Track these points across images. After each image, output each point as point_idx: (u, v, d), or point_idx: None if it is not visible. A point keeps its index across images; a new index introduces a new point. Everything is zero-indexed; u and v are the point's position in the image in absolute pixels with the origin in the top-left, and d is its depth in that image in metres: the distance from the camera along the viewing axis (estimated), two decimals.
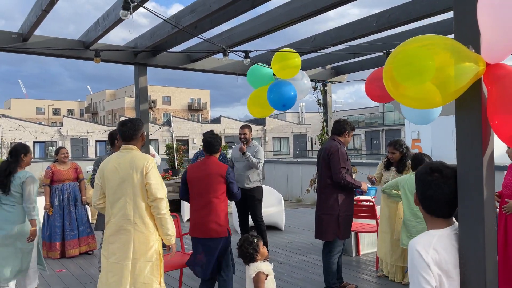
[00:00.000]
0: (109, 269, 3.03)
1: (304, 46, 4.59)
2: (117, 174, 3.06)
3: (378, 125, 36.84)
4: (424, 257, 1.67)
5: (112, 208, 3.07)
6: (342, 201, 4.17)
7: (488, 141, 1.87)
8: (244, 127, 6.00)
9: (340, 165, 4.10)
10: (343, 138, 4.28)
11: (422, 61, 1.83)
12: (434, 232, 1.78)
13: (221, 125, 38.31)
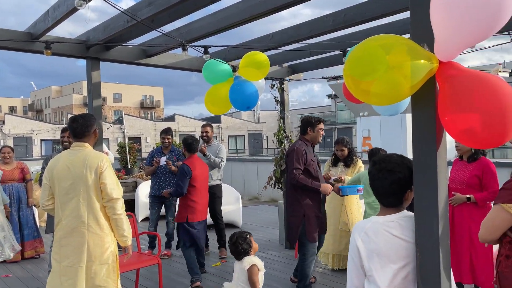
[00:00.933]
0: (63, 273, 2.88)
1: (262, 43, 4.62)
2: (69, 173, 2.91)
3: (330, 123, 37.81)
4: (356, 240, 1.88)
5: (63, 209, 2.92)
6: (306, 202, 3.99)
7: (442, 135, 1.98)
8: (205, 126, 5.94)
9: (294, 165, 3.95)
10: (309, 136, 4.15)
11: (378, 59, 1.90)
12: (374, 219, 1.91)
13: (176, 123, 37.70)
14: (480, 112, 1.80)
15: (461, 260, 3.74)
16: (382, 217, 1.90)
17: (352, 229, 4.49)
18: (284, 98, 6.29)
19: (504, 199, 1.87)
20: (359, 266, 1.89)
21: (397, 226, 1.87)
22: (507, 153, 16.64)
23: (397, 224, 1.87)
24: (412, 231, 1.88)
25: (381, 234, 1.85)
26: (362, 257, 1.86)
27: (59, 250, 2.92)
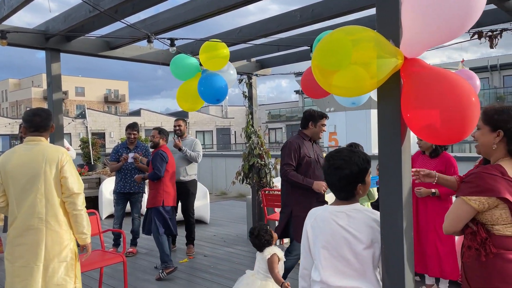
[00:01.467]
0: (16, 274, 2.75)
1: (230, 37, 4.57)
2: (26, 169, 2.77)
3: (298, 119, 38.19)
4: (306, 224, 2.02)
5: (19, 207, 2.78)
6: (296, 200, 3.81)
7: (406, 130, 2.01)
8: (178, 120, 5.85)
9: (285, 160, 3.79)
10: (309, 130, 3.94)
11: (346, 51, 1.90)
12: (325, 207, 2.02)
13: (141, 118, 36.93)
14: (441, 108, 1.84)
15: (426, 253, 3.84)
16: (332, 207, 1.98)
17: None
18: (252, 93, 6.27)
19: (464, 192, 1.92)
20: (308, 250, 2.00)
21: (344, 216, 1.92)
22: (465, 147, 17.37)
23: (345, 215, 1.92)
24: (359, 224, 1.90)
25: (328, 222, 1.94)
26: (310, 242, 1.98)
27: (13, 250, 2.78)
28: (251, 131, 6.15)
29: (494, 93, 26.35)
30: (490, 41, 3.87)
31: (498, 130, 1.96)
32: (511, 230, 1.88)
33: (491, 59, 28.43)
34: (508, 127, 1.94)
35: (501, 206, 1.87)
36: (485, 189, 1.87)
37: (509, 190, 1.85)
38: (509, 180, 1.87)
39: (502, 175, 1.88)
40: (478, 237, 1.92)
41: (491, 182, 1.87)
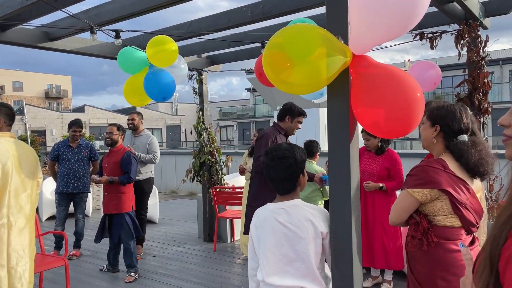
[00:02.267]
0: None
1: (179, 31, 4.45)
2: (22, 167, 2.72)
3: (249, 116, 38.35)
4: (252, 224, 2.02)
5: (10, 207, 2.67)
6: (268, 193, 3.69)
7: (355, 126, 2.05)
8: (132, 113, 5.57)
9: (261, 151, 3.62)
10: (284, 124, 3.86)
11: (296, 49, 1.91)
12: (267, 205, 2.01)
13: (86, 114, 35.31)
14: (388, 104, 1.91)
15: (373, 246, 3.98)
16: (273, 204, 1.98)
17: None
18: (203, 90, 6.17)
19: (409, 184, 2.01)
20: (253, 250, 2.01)
21: (284, 213, 1.92)
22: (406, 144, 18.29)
23: (284, 211, 1.92)
24: (298, 220, 1.89)
25: (268, 220, 1.94)
26: (254, 242, 1.99)
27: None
28: (201, 128, 6.06)
29: (433, 93, 27.94)
30: (431, 42, 4.07)
31: (436, 125, 2.05)
32: (451, 221, 1.98)
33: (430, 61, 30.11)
34: (444, 123, 2.04)
35: (442, 198, 1.97)
36: (427, 182, 1.96)
37: (449, 183, 1.95)
38: (450, 173, 1.97)
39: (444, 169, 1.98)
40: (420, 227, 2.01)
41: (433, 175, 1.96)
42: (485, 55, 3.90)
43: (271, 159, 1.94)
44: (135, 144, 5.37)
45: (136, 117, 5.50)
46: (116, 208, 4.47)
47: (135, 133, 5.49)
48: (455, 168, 2.00)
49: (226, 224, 5.92)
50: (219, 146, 6.26)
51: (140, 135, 5.49)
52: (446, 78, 28.81)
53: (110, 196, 4.48)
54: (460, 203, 1.94)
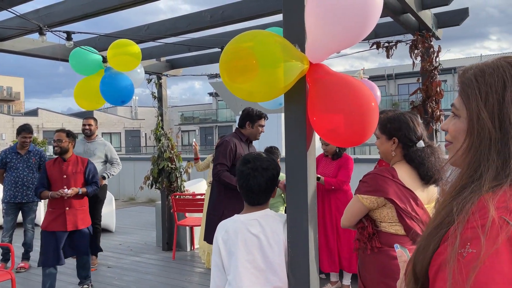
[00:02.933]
0: None
1: (136, 34, 4.32)
2: None
3: (211, 121, 38.12)
4: (217, 239, 1.89)
5: None
6: (227, 201, 3.59)
7: (312, 134, 2.05)
8: (89, 118, 5.34)
9: (219, 159, 3.59)
10: (246, 130, 3.77)
11: (253, 57, 1.88)
12: (236, 217, 1.92)
13: (39, 118, 33.80)
14: (344, 112, 1.91)
15: (332, 250, 4.04)
16: (243, 215, 1.91)
17: None
18: (162, 94, 6.04)
19: (360, 190, 2.08)
20: (221, 267, 1.87)
21: (256, 224, 1.87)
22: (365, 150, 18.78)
23: (257, 222, 1.87)
24: (271, 230, 1.87)
25: (241, 233, 1.84)
26: (223, 257, 1.86)
27: None
28: (161, 133, 5.91)
29: (390, 100, 28.95)
30: (387, 52, 4.18)
31: (393, 138, 2.09)
32: (395, 228, 2.03)
33: (387, 69, 31.24)
34: (400, 134, 2.08)
35: (388, 206, 2.02)
36: (375, 189, 2.01)
37: (396, 192, 2.00)
38: (398, 183, 2.02)
39: (392, 178, 2.03)
40: (366, 232, 2.06)
41: (382, 184, 2.01)
42: (438, 65, 4.04)
43: (253, 169, 1.87)
44: (90, 150, 5.16)
45: (93, 122, 5.32)
46: (83, 222, 4.08)
47: (89, 139, 5.27)
48: (407, 177, 2.05)
49: (185, 232, 5.79)
50: (179, 151, 6.14)
51: (94, 141, 5.28)
52: (403, 85, 29.96)
53: (75, 210, 4.01)
54: (404, 212, 1.99)
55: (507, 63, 0.84)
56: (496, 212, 0.72)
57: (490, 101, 0.81)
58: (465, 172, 0.83)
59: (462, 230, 0.72)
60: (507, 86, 0.80)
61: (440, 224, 0.79)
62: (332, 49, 1.96)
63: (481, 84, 0.83)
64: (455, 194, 0.81)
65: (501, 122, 0.79)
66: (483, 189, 0.77)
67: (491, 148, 0.80)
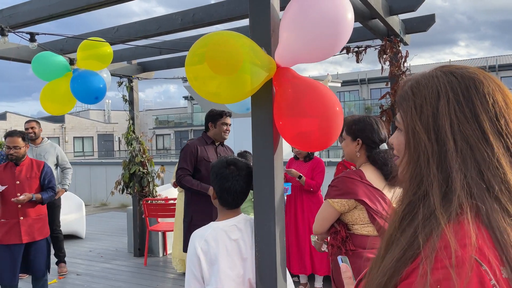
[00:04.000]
0: None
1: (105, 36, 4.23)
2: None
3: (187, 125, 37.78)
4: (196, 249, 1.78)
5: None
6: (195, 207, 3.58)
7: (279, 138, 2.05)
8: (31, 121, 5.12)
9: (180, 164, 3.59)
10: (211, 132, 3.74)
11: (220, 56, 1.85)
12: (212, 224, 1.88)
13: (7, 122, 32.63)
14: (310, 117, 1.92)
15: (303, 252, 4.06)
16: (222, 222, 1.88)
17: None
18: (133, 97, 5.94)
19: (330, 195, 2.08)
20: (199, 277, 1.79)
21: (236, 230, 1.86)
22: (339, 153, 19.03)
23: (235, 228, 1.87)
24: (247, 235, 1.88)
25: (221, 240, 1.81)
26: (203, 267, 1.78)
27: None
28: (132, 137, 5.81)
29: (363, 104, 29.50)
30: (357, 56, 4.25)
31: (358, 139, 2.13)
32: (367, 230, 2.05)
33: (360, 74, 31.84)
34: (364, 135, 2.12)
35: (359, 208, 2.04)
36: (345, 192, 2.03)
37: (366, 193, 2.02)
38: (367, 183, 2.04)
39: (361, 179, 2.05)
40: (339, 236, 2.07)
41: (351, 186, 2.03)
42: (405, 70, 4.14)
43: (236, 172, 1.86)
44: (41, 155, 4.94)
45: (35, 125, 5.02)
46: (40, 233, 3.69)
47: (35, 143, 5.01)
48: (374, 178, 2.07)
49: (158, 237, 5.70)
50: (151, 156, 6.04)
51: (41, 144, 5.05)
52: (375, 90, 30.58)
53: (30, 219, 3.63)
54: (375, 212, 2.01)
55: (442, 72, 0.81)
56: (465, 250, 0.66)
57: (424, 113, 0.79)
58: (409, 188, 0.79)
59: (431, 269, 0.66)
60: (441, 97, 0.78)
61: (401, 257, 0.73)
62: (302, 56, 1.97)
63: (416, 96, 0.81)
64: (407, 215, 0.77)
65: (436, 134, 0.77)
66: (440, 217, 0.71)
67: (429, 162, 0.76)
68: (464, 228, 0.68)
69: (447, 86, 0.79)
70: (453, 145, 0.75)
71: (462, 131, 0.75)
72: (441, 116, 0.77)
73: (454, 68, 0.82)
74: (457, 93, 0.77)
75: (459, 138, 0.75)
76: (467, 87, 0.78)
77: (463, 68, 0.82)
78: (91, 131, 37.26)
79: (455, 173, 0.73)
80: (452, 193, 0.72)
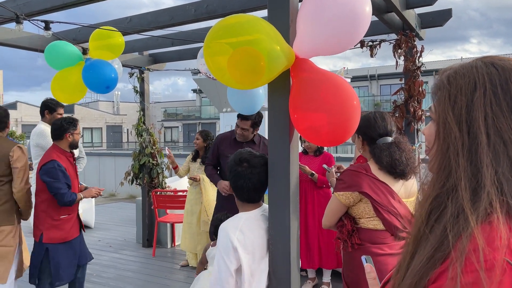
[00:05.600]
0: None
1: (117, 26, 4.22)
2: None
3: (195, 118, 37.83)
4: (231, 239, 1.75)
5: None
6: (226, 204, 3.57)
7: (294, 129, 2.02)
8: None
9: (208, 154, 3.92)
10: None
11: (239, 39, 1.81)
12: (242, 215, 1.88)
13: (18, 112, 32.97)
14: (326, 111, 1.88)
15: (311, 247, 4.05)
16: (252, 212, 1.91)
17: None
18: (144, 88, 5.94)
19: (337, 188, 2.09)
20: (233, 270, 1.75)
21: (264, 219, 1.92)
22: (347, 149, 18.93)
23: (264, 217, 1.93)
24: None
25: (256, 229, 1.86)
26: (241, 258, 1.76)
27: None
28: (142, 128, 5.82)
29: (373, 100, 29.29)
30: (371, 50, 4.19)
31: (359, 135, 2.17)
32: (373, 223, 2.04)
33: (370, 69, 31.57)
34: (362, 132, 2.15)
35: (364, 201, 2.04)
36: (350, 185, 2.04)
37: (370, 186, 2.02)
38: (372, 177, 2.04)
39: (366, 172, 2.05)
40: (345, 230, 2.08)
41: (355, 178, 2.04)
42: (420, 65, 4.08)
43: (251, 167, 1.89)
44: None
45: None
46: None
47: None
48: (381, 172, 2.06)
49: (166, 228, 5.73)
50: (161, 147, 6.05)
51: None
52: (385, 86, 30.34)
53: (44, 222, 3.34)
54: (381, 206, 2.00)
55: (482, 63, 0.78)
56: (496, 252, 0.64)
57: (458, 104, 0.76)
58: (436, 180, 0.77)
59: (461, 272, 0.64)
60: (477, 88, 0.75)
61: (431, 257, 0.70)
62: (321, 48, 1.95)
63: (452, 85, 0.79)
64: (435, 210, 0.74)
65: (469, 127, 0.74)
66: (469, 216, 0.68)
67: (458, 154, 0.74)
68: (494, 229, 0.66)
69: (485, 77, 0.76)
70: (486, 139, 0.72)
71: (496, 125, 0.73)
72: (475, 108, 0.74)
73: (496, 59, 0.79)
74: (495, 85, 0.75)
75: (493, 132, 0.72)
76: (507, 80, 0.75)
77: (505, 60, 0.79)
78: (100, 122, 37.52)
79: (485, 168, 0.71)
80: (482, 189, 0.70)
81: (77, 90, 3.92)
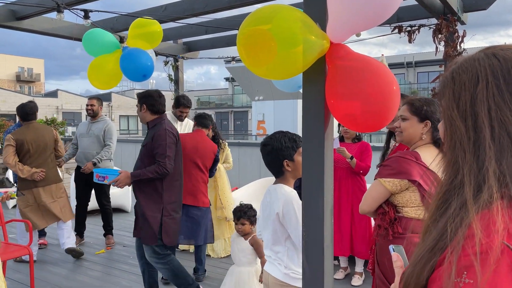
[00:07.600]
0: None
1: (153, 15, 4.28)
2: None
3: (227, 106, 38.09)
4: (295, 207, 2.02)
5: None
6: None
7: (330, 116, 1.99)
8: (92, 98, 5.31)
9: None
10: None
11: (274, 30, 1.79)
12: (287, 188, 2.13)
13: (58, 99, 34.33)
14: (364, 96, 1.83)
15: (343, 235, 4.02)
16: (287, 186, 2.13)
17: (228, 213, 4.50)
18: (178, 76, 6.02)
19: (381, 174, 2.03)
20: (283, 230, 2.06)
21: (268, 194, 2.19)
22: (382, 138, 18.57)
23: (269, 192, 2.19)
24: (274, 200, 2.09)
25: (263, 199, 2.21)
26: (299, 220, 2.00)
27: None
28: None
29: (409, 88, 28.43)
30: (409, 36, 4.05)
31: (426, 121, 2.06)
32: (418, 213, 1.98)
33: (407, 56, 30.56)
34: (434, 118, 2.07)
35: (411, 189, 1.98)
36: (398, 172, 1.97)
37: (420, 174, 1.95)
38: (422, 165, 1.97)
39: (416, 160, 1.98)
40: (387, 217, 2.02)
41: (405, 166, 1.97)
42: (462, 50, 3.91)
43: (261, 147, 2.18)
44: (92, 131, 5.09)
45: (95, 102, 5.17)
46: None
47: (93, 119, 5.19)
48: (430, 160, 2.00)
49: None
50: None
51: (97, 121, 5.19)
52: (422, 73, 29.37)
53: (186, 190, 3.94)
54: (431, 196, 1.94)
55: (484, 55, 0.77)
56: (492, 237, 0.65)
57: (462, 100, 0.76)
58: (446, 175, 0.79)
59: (458, 257, 0.66)
60: (480, 82, 0.74)
61: (433, 247, 0.73)
62: (355, 28, 1.89)
63: (455, 82, 0.78)
64: (441, 205, 0.76)
65: (474, 121, 0.74)
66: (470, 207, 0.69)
67: (465, 150, 0.74)
68: (493, 216, 0.67)
69: (487, 70, 0.74)
70: (490, 132, 0.72)
71: (500, 117, 0.72)
72: (478, 102, 0.74)
73: (498, 49, 0.77)
74: (498, 77, 0.73)
75: (497, 124, 0.72)
76: (509, 70, 0.73)
77: (508, 49, 0.76)
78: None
79: (488, 161, 0.71)
80: (485, 183, 0.70)
81: (112, 77, 4.02)
